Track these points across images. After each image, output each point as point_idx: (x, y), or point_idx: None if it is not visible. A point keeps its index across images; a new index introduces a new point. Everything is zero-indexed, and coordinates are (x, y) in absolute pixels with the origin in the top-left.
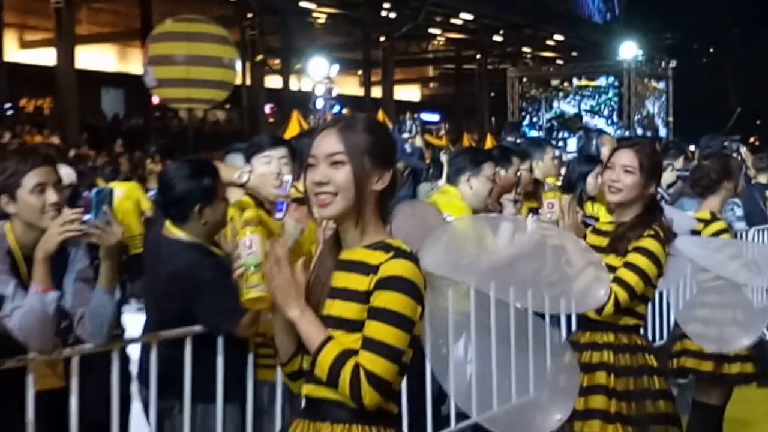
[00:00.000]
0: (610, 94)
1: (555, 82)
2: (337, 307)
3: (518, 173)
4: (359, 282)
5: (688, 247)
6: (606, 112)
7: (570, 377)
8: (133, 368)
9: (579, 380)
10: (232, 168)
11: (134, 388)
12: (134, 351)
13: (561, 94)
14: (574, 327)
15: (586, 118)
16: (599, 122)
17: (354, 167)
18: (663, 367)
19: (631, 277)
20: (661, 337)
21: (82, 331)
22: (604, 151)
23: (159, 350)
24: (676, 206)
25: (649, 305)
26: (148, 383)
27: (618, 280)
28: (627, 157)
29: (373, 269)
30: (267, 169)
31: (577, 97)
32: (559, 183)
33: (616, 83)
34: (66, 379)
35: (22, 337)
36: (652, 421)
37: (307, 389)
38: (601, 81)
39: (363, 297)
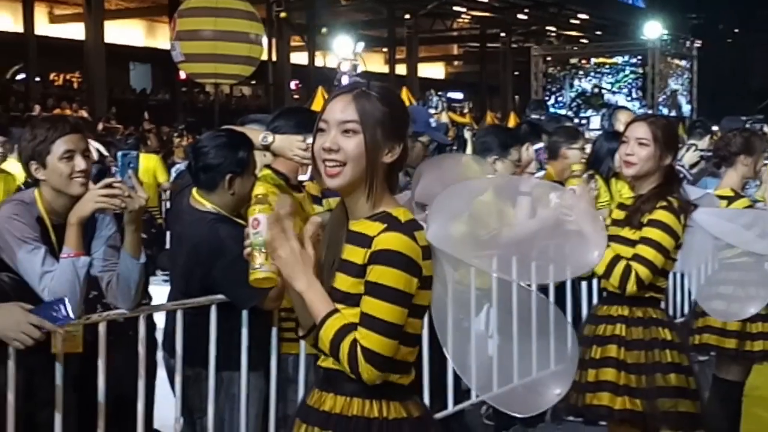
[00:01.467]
0: (627, 72)
1: (573, 60)
2: (340, 280)
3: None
4: (357, 254)
5: (704, 217)
6: (625, 90)
7: (570, 353)
8: (159, 336)
9: (578, 355)
10: (256, 131)
11: (159, 355)
12: (159, 320)
13: (581, 72)
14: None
15: (607, 96)
16: (620, 99)
17: (367, 138)
18: (681, 342)
19: (648, 252)
20: (682, 313)
21: (110, 297)
22: (619, 127)
23: (184, 318)
24: (698, 185)
25: (671, 280)
26: (172, 351)
27: (637, 257)
28: (641, 130)
29: (368, 241)
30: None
31: (597, 75)
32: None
33: (634, 61)
34: (89, 344)
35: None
36: (661, 394)
37: (321, 359)
38: (618, 59)
39: (359, 270)
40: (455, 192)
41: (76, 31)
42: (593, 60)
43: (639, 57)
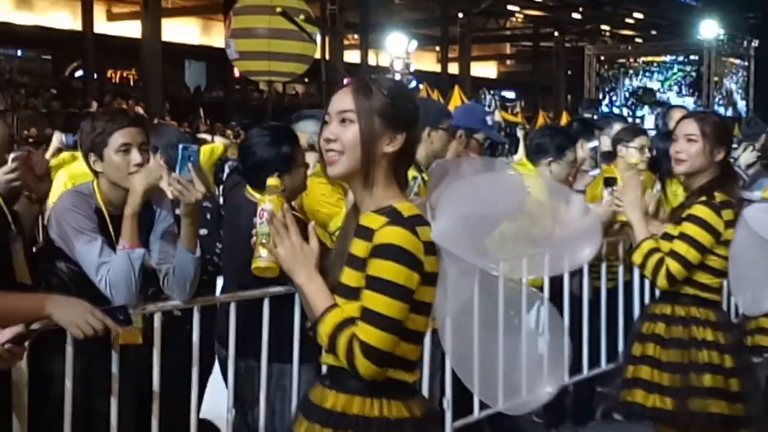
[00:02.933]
0: (676, 70)
1: (621, 60)
2: (346, 275)
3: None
4: (360, 248)
5: (755, 214)
6: (676, 88)
7: (559, 350)
8: None
9: (568, 355)
10: (303, 133)
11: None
12: None
13: (631, 71)
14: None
15: (659, 94)
16: (671, 96)
17: (361, 126)
18: (727, 343)
19: (681, 247)
20: (737, 314)
21: (167, 290)
22: (673, 126)
23: (237, 311)
24: (755, 186)
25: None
26: (225, 342)
27: (671, 252)
28: (689, 126)
29: (371, 235)
30: None
31: (648, 74)
32: (636, 159)
33: (681, 59)
34: (147, 336)
35: (108, 293)
36: (692, 393)
37: (323, 356)
38: (666, 57)
39: (362, 264)
40: (460, 190)
41: (133, 29)
42: (641, 59)
43: (688, 56)
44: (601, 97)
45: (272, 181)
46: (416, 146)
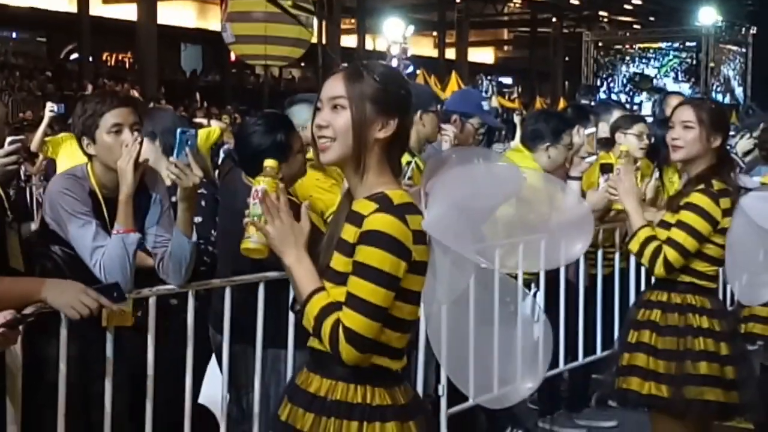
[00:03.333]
0: (671, 56)
1: (617, 46)
2: (336, 260)
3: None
4: (350, 233)
5: (753, 202)
6: (672, 74)
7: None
8: None
9: (549, 350)
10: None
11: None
12: None
13: (627, 58)
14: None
15: (655, 80)
16: (667, 82)
17: (353, 112)
18: (722, 330)
19: (679, 235)
20: (732, 302)
21: (162, 273)
22: (669, 112)
23: (232, 295)
24: (752, 173)
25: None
26: (220, 327)
27: (668, 240)
28: (685, 113)
29: (360, 221)
30: None
31: (644, 61)
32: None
33: (677, 45)
34: (140, 318)
35: (103, 278)
36: (688, 381)
37: (310, 339)
38: (662, 44)
39: (351, 249)
40: (454, 179)
41: (128, 11)
42: (637, 45)
43: (684, 42)
44: (599, 83)
45: (269, 162)
46: (409, 132)
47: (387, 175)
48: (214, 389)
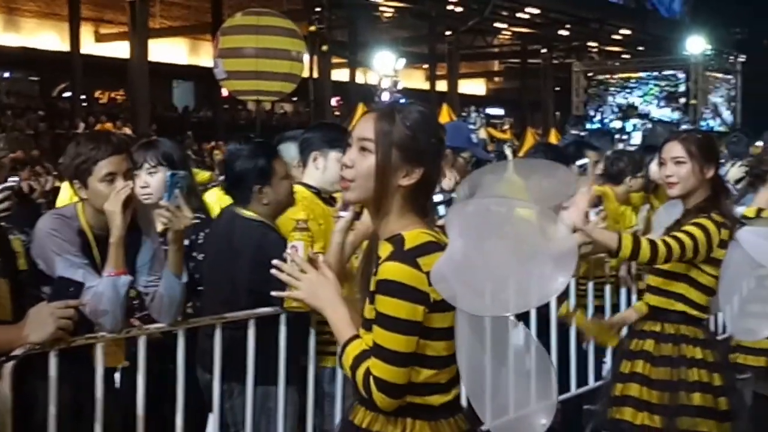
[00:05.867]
0: (652, 85)
1: (600, 77)
2: (367, 309)
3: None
4: (373, 282)
5: (749, 237)
6: (655, 102)
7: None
8: None
9: (555, 388)
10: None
11: None
12: None
13: (611, 88)
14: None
15: (641, 107)
16: (652, 109)
17: (378, 158)
18: (715, 361)
19: (681, 234)
20: (724, 330)
21: (153, 313)
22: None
23: (222, 333)
24: (743, 201)
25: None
26: (206, 365)
27: (669, 234)
28: (675, 149)
29: (378, 267)
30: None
31: (628, 90)
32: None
33: (656, 74)
34: (131, 356)
35: (93, 318)
36: (682, 412)
37: None
38: (642, 74)
39: (372, 297)
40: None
41: (120, 49)
42: (617, 75)
43: (662, 71)
44: (592, 113)
45: (300, 214)
46: (435, 180)
47: (409, 216)
48: None
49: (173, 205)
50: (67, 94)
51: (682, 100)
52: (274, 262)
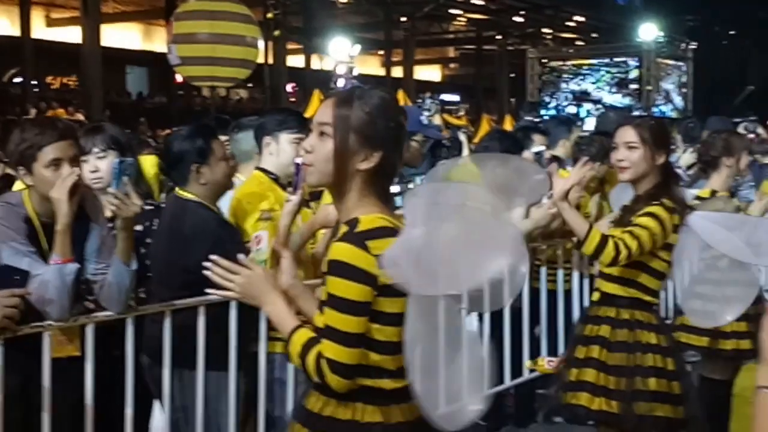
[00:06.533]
0: (603, 72)
1: (553, 64)
2: (322, 289)
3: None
4: (324, 261)
5: (699, 221)
6: (606, 88)
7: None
8: None
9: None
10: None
11: None
12: None
13: (565, 75)
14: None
15: (594, 93)
16: (604, 95)
17: (336, 142)
18: (669, 346)
19: (636, 230)
20: (667, 316)
21: (102, 301)
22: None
23: (168, 319)
24: (694, 187)
25: (670, 283)
26: (151, 353)
27: (626, 233)
28: (628, 134)
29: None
30: (295, 150)
31: (581, 77)
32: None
33: (606, 61)
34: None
35: (39, 306)
36: (638, 397)
37: None
38: (593, 60)
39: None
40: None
41: (72, 34)
42: (570, 62)
43: (613, 58)
44: (547, 99)
45: (264, 205)
46: (396, 164)
47: (369, 201)
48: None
49: (121, 192)
50: (18, 79)
51: (633, 86)
52: (206, 263)
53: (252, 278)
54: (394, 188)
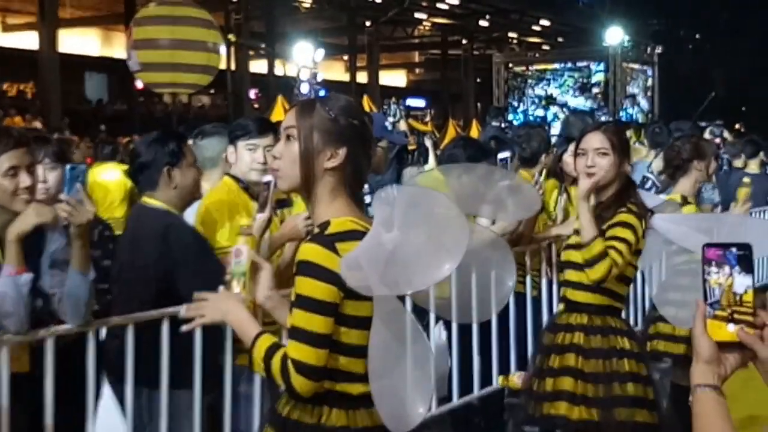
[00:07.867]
0: (566, 77)
1: (517, 69)
2: (291, 290)
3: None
4: (295, 262)
5: (663, 223)
6: (570, 93)
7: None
8: None
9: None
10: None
11: None
12: None
13: (530, 80)
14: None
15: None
16: (568, 99)
17: (300, 142)
18: (640, 351)
19: (621, 247)
20: (636, 322)
21: (62, 314)
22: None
23: (127, 334)
24: (666, 192)
25: (631, 289)
26: (111, 369)
27: (612, 248)
28: (596, 139)
29: None
30: (251, 157)
31: (545, 81)
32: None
33: (570, 65)
34: (38, 362)
35: None
36: (618, 403)
37: None
38: (557, 65)
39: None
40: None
41: (29, 40)
42: (533, 67)
43: (576, 63)
44: (515, 104)
45: (244, 221)
46: (362, 162)
47: (340, 203)
48: None
49: (74, 199)
50: None
51: (595, 90)
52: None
53: (216, 298)
54: (367, 198)
